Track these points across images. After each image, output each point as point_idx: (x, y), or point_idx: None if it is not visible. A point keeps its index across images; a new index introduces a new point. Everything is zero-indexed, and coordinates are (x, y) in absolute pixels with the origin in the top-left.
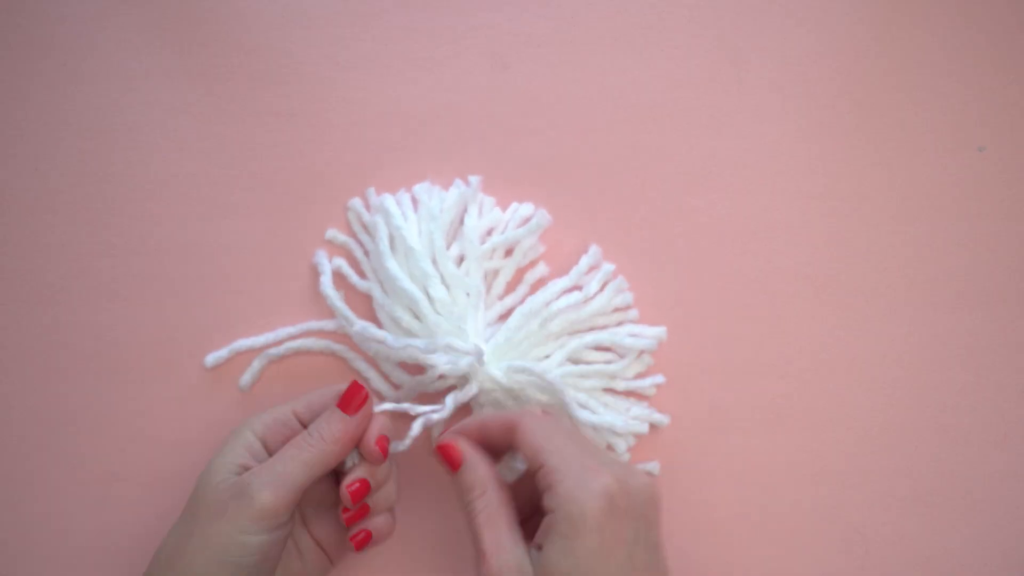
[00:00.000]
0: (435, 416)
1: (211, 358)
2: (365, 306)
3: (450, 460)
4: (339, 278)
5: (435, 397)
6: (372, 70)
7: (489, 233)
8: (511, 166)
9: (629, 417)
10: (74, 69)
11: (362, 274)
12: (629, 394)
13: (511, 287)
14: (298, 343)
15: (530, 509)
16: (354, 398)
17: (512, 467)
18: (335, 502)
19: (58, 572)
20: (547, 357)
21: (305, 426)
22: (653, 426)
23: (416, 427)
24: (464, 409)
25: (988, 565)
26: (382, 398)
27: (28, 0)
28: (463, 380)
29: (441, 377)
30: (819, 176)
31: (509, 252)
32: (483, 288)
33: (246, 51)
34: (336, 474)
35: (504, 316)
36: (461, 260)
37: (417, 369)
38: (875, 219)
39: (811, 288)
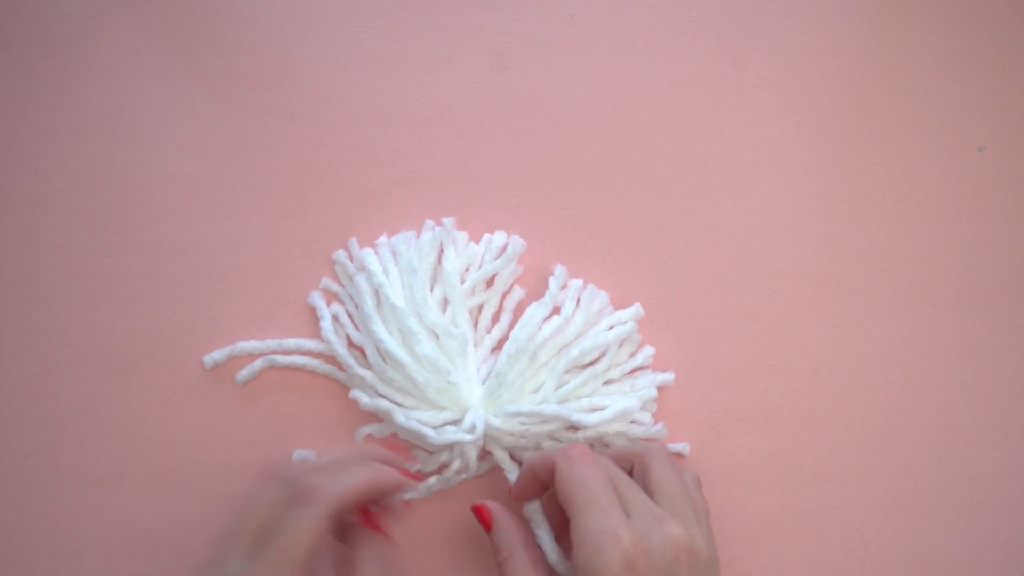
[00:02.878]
0: (432, 481)
1: (210, 359)
2: None
3: (482, 521)
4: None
5: None
6: (372, 70)
7: (467, 270)
8: (510, 166)
9: (636, 392)
10: (74, 69)
11: (356, 325)
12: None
13: (497, 316)
14: (304, 360)
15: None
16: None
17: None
18: None
19: (58, 572)
20: (541, 387)
21: None
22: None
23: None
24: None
25: (988, 565)
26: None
27: (28, 0)
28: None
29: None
30: (819, 176)
31: (490, 283)
32: (471, 332)
33: (246, 51)
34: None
35: (496, 348)
36: (445, 303)
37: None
38: (875, 219)
39: (811, 288)
